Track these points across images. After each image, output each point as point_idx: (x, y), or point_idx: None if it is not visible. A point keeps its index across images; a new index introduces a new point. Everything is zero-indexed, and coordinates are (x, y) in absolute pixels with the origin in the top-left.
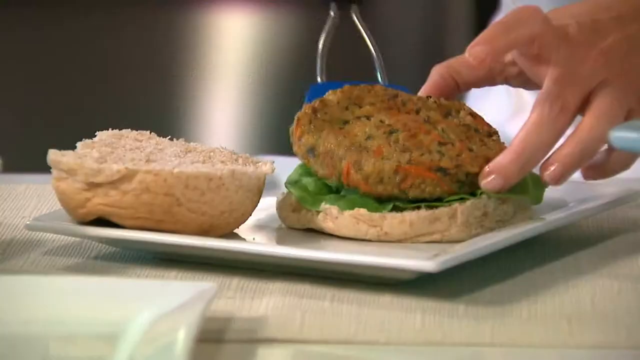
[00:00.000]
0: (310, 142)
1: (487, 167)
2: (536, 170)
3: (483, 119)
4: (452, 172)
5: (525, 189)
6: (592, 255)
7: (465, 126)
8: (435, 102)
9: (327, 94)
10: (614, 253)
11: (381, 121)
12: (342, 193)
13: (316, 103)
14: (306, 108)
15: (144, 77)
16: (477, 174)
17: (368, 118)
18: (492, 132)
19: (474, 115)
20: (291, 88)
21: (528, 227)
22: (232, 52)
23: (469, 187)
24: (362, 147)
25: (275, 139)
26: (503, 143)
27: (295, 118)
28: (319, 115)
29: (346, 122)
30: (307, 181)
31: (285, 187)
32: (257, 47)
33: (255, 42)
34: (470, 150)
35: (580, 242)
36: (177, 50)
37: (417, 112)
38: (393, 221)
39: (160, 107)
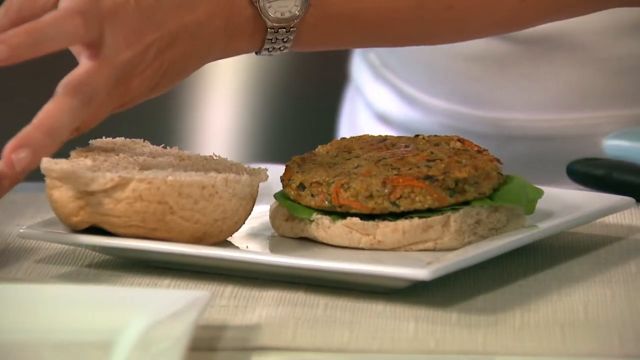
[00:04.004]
0: (300, 179)
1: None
2: (536, 181)
3: (472, 142)
4: (440, 179)
5: (519, 197)
6: (585, 264)
7: (455, 149)
8: (424, 138)
9: (317, 148)
10: (607, 261)
11: (370, 156)
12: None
13: (305, 154)
14: (295, 158)
15: None
16: (466, 180)
17: (357, 157)
18: (481, 150)
19: (462, 141)
20: (286, 96)
21: (521, 235)
22: (226, 59)
23: (461, 194)
24: (350, 173)
25: (269, 147)
26: (493, 156)
27: (285, 166)
28: (307, 162)
29: (335, 163)
30: None
31: (275, 198)
32: (252, 54)
33: None
34: (459, 162)
35: (572, 250)
36: None
37: (407, 147)
38: (386, 229)
39: (154, 115)
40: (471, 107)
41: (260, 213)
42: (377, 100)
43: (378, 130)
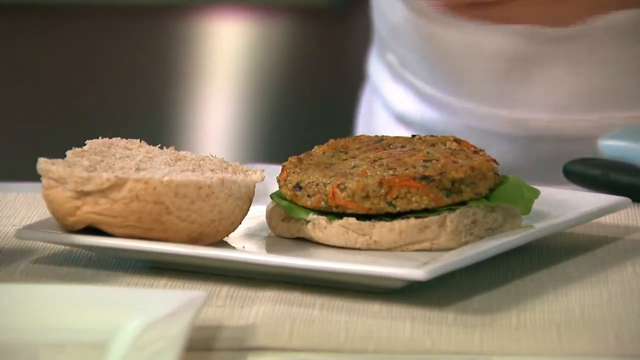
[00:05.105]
0: (296, 179)
1: None
2: (527, 178)
3: (468, 143)
4: (436, 179)
5: (515, 197)
6: (581, 264)
7: (451, 149)
8: (420, 138)
9: (313, 148)
10: (603, 261)
11: (367, 157)
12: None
13: (302, 155)
14: (291, 158)
15: (134, 85)
16: (463, 181)
17: (354, 158)
18: (478, 150)
19: (459, 141)
20: (282, 96)
21: (517, 235)
22: (223, 59)
23: (457, 194)
24: (347, 173)
25: (265, 147)
26: (490, 156)
27: (281, 166)
28: (304, 162)
29: (332, 164)
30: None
31: (271, 198)
32: (249, 55)
33: (247, 50)
34: (455, 162)
35: (569, 250)
36: (168, 59)
37: (403, 147)
38: (382, 229)
39: (150, 115)
40: (495, 107)
41: (257, 213)
42: (395, 100)
43: (397, 131)
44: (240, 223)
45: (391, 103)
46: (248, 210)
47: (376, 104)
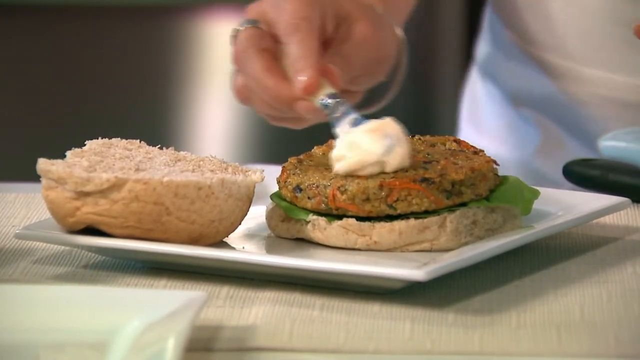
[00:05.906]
0: (296, 181)
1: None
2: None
3: (468, 143)
4: (436, 181)
5: (515, 198)
6: (581, 264)
7: (451, 150)
8: (420, 139)
9: (313, 149)
10: (603, 261)
11: None
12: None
13: (301, 155)
14: (291, 159)
15: (133, 86)
16: (463, 182)
17: None
18: (477, 151)
19: (458, 141)
20: None
21: (517, 235)
22: (223, 59)
23: (457, 196)
24: (347, 175)
25: (265, 147)
26: (489, 157)
27: (281, 167)
28: (304, 163)
29: (332, 165)
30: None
31: (271, 199)
32: None
33: None
34: (455, 164)
35: (569, 251)
36: (167, 59)
37: None
38: (382, 230)
39: (149, 116)
40: (629, 75)
41: (257, 214)
42: (512, 79)
43: (505, 113)
44: (240, 223)
45: (504, 83)
46: (248, 210)
47: (482, 88)
